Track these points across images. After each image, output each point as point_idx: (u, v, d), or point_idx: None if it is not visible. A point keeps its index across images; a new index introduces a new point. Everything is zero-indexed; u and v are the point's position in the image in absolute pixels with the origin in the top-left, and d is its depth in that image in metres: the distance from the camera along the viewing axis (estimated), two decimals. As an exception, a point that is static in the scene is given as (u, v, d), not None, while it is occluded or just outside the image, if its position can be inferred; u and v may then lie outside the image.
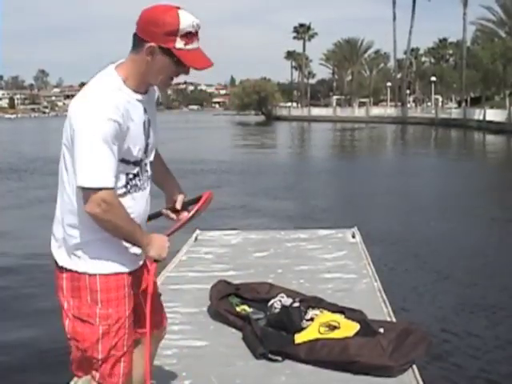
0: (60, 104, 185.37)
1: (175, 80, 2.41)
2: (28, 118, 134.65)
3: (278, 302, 4.18)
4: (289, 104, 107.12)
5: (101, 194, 2.20)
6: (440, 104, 70.59)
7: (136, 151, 2.36)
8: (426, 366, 3.79)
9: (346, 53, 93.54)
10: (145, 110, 2.39)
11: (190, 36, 2.23)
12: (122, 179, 2.34)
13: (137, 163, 2.39)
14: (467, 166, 23.84)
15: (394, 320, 4.24)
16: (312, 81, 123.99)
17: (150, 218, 2.60)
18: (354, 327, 3.85)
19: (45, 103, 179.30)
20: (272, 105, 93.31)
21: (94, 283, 2.34)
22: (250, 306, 4.41)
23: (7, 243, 10.62)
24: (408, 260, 8.98)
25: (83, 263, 2.34)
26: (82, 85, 2.55)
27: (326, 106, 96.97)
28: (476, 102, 68.98)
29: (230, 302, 4.46)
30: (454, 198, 15.10)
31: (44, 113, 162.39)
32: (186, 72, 2.35)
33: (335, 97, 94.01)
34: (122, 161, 2.31)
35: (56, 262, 2.41)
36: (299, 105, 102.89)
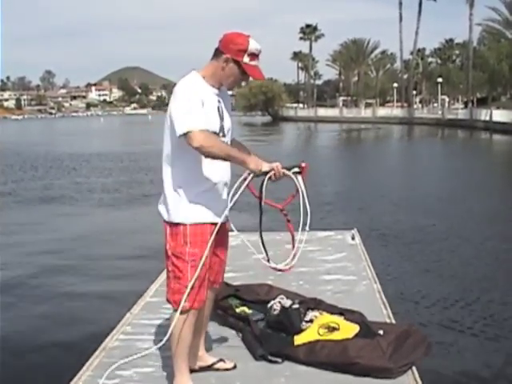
0: (66, 105, 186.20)
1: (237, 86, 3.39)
2: (35, 119, 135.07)
3: (278, 303, 4.16)
4: (295, 105, 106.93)
5: (198, 133, 2.99)
6: (446, 105, 70.37)
7: (213, 124, 3.15)
8: (425, 368, 3.76)
9: (353, 53, 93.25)
10: (218, 101, 3.23)
11: (253, 56, 3.16)
12: None
13: (215, 134, 3.16)
14: (472, 166, 23.79)
15: (393, 322, 4.24)
16: (318, 81, 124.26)
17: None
18: (354, 329, 3.85)
19: (51, 104, 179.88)
20: (278, 105, 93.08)
21: (185, 230, 3.17)
22: (249, 308, 4.41)
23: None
24: (408, 261, 8.98)
25: (178, 217, 3.17)
26: (89, 86, 2.63)
27: (333, 106, 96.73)
28: (482, 102, 68.77)
29: (229, 303, 4.47)
30: (457, 199, 15.08)
31: (51, 114, 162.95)
32: (247, 80, 3.30)
33: (341, 97, 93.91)
34: None
35: (162, 217, 3.24)
36: (305, 105, 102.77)
